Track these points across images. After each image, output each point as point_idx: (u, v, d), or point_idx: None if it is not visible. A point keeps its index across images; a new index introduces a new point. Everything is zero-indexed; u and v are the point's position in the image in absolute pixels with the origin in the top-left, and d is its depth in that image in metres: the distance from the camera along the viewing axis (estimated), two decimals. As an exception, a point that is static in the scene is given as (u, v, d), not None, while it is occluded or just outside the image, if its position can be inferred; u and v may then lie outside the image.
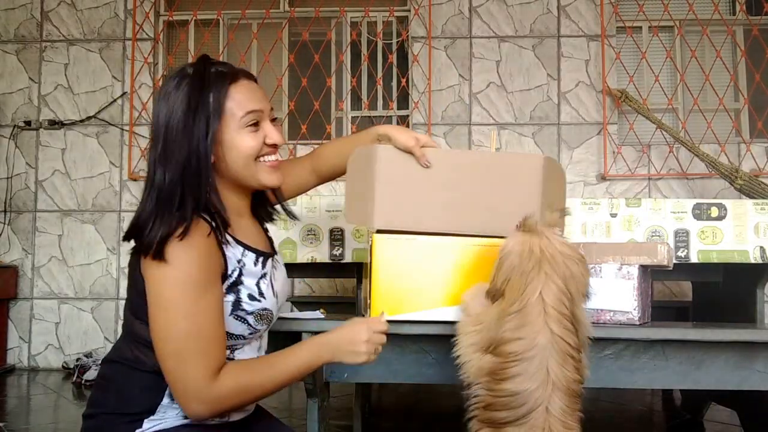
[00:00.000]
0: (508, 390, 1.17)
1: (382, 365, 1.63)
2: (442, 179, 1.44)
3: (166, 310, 1.06)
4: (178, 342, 1.06)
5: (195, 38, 4.50)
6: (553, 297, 1.20)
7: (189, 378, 1.06)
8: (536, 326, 1.18)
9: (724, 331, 1.60)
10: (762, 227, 2.01)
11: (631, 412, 3.02)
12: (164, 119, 1.12)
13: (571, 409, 1.18)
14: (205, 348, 1.07)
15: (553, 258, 1.21)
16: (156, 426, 1.12)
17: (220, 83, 1.15)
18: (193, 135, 1.11)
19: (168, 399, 1.13)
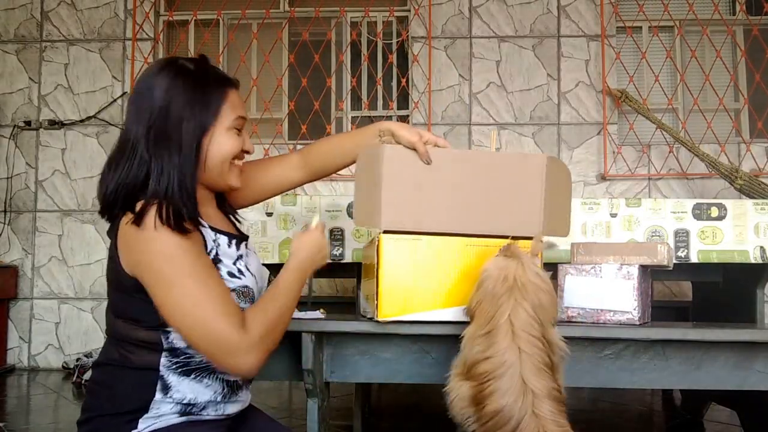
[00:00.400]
0: (492, 410, 1.19)
1: (382, 365, 1.63)
2: (447, 179, 1.45)
3: (171, 285, 1.06)
4: (197, 309, 1.06)
5: (195, 38, 4.50)
6: (522, 321, 1.24)
7: (223, 338, 1.06)
8: (503, 345, 1.22)
9: (724, 331, 1.60)
10: (762, 227, 2.01)
11: (631, 412, 3.02)
12: (160, 102, 1.15)
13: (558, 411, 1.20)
14: (223, 305, 1.08)
15: (524, 287, 1.26)
16: (151, 426, 1.12)
17: (221, 84, 1.21)
18: (192, 126, 1.16)
19: (161, 394, 1.12)
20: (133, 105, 1.18)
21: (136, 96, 1.18)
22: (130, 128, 1.16)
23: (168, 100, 1.15)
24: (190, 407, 1.14)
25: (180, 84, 1.16)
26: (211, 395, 1.17)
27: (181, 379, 1.14)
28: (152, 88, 1.16)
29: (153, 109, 1.15)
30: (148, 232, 1.07)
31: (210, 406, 1.17)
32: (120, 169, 1.15)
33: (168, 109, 1.15)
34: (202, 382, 1.16)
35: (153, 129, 1.14)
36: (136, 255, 1.09)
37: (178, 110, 1.15)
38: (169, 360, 1.13)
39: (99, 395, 1.16)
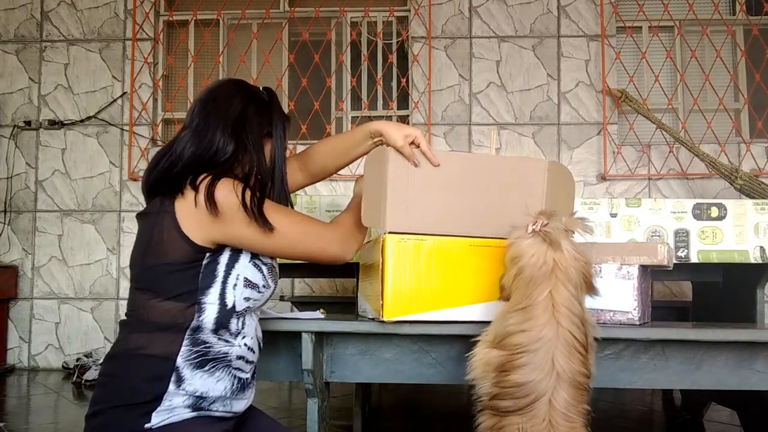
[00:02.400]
0: (514, 381, 1.19)
1: (382, 365, 1.63)
2: (450, 182, 1.47)
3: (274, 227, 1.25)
4: (295, 225, 1.29)
5: (195, 38, 4.50)
6: (564, 297, 1.24)
7: (326, 238, 1.34)
8: (541, 320, 1.21)
9: (724, 331, 1.60)
10: (762, 227, 2.01)
11: (631, 412, 3.02)
12: (240, 115, 1.31)
13: (576, 401, 1.20)
14: (312, 220, 1.35)
15: (566, 270, 1.26)
16: (165, 420, 1.13)
17: (286, 119, 1.40)
18: (277, 150, 1.37)
19: (174, 386, 1.15)
20: (212, 109, 1.31)
21: (214, 103, 1.32)
22: (207, 126, 1.28)
23: (249, 115, 1.32)
24: (200, 401, 1.17)
25: (255, 107, 1.34)
26: (222, 390, 1.20)
27: (194, 372, 1.17)
28: (233, 101, 1.32)
29: (236, 117, 1.30)
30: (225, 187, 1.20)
31: (219, 401, 1.20)
32: (193, 150, 1.26)
33: (251, 123, 1.32)
34: (214, 376, 1.19)
35: (239, 132, 1.29)
36: (227, 222, 1.20)
37: (257, 127, 1.33)
38: (189, 349, 1.17)
39: (111, 387, 1.18)
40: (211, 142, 1.27)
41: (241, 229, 1.22)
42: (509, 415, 1.18)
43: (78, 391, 3.51)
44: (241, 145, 1.29)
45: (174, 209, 1.20)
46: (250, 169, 1.31)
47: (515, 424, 1.17)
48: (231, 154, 1.28)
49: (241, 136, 1.29)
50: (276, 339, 1.60)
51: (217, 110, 1.30)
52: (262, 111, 1.35)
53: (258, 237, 1.24)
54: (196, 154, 1.26)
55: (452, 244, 1.48)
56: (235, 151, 1.28)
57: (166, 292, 1.19)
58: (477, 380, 1.27)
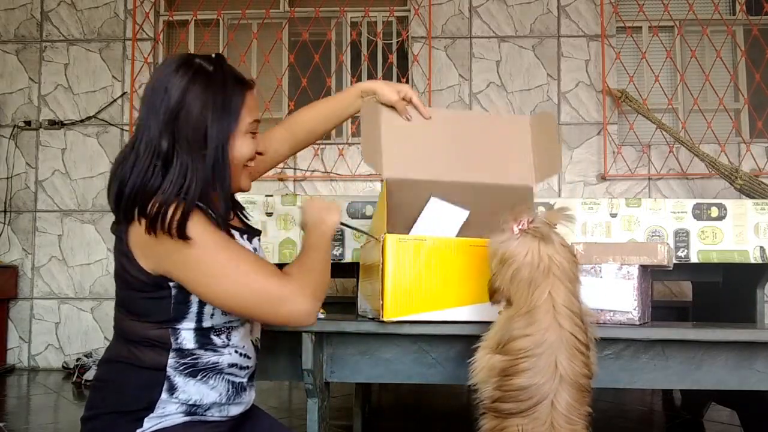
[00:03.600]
0: (517, 384, 1.18)
1: (382, 365, 1.63)
2: (442, 133, 1.60)
3: (215, 271, 1.09)
4: (246, 279, 1.10)
5: (195, 38, 4.50)
6: (563, 296, 1.23)
7: (274, 293, 1.11)
8: (544, 323, 1.20)
9: (724, 331, 1.60)
10: (762, 227, 2.01)
11: (631, 412, 3.02)
12: (178, 104, 1.11)
13: (578, 403, 1.19)
14: (266, 270, 1.13)
15: (562, 265, 1.25)
16: (156, 425, 1.12)
17: (239, 88, 1.18)
18: (215, 131, 1.13)
19: (166, 394, 1.13)
20: (148, 103, 1.14)
21: (152, 94, 1.14)
22: (146, 127, 1.13)
23: (187, 102, 1.11)
24: (195, 408, 1.15)
25: (198, 86, 1.12)
26: (216, 397, 1.17)
27: (187, 380, 1.14)
28: (169, 87, 1.12)
29: (170, 110, 1.11)
30: (171, 238, 1.07)
31: (214, 407, 1.18)
32: (137, 169, 1.11)
33: (188, 112, 1.11)
34: (208, 383, 1.16)
35: (173, 131, 1.11)
36: (163, 257, 1.09)
37: (197, 114, 1.11)
38: (177, 361, 1.14)
39: (105, 392, 1.17)
40: (150, 144, 1.11)
41: (166, 254, 1.09)
42: (511, 417, 1.18)
43: (78, 391, 3.51)
44: (179, 146, 1.11)
45: (127, 237, 1.12)
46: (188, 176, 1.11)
47: (516, 425, 1.17)
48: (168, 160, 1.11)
49: (177, 134, 1.11)
50: (276, 339, 1.60)
51: (153, 102, 1.13)
52: (206, 96, 1.13)
53: (191, 283, 1.10)
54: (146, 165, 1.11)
55: (452, 244, 1.49)
56: (171, 154, 1.11)
57: (140, 314, 1.14)
58: (479, 384, 1.27)
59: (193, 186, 1.10)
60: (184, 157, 1.11)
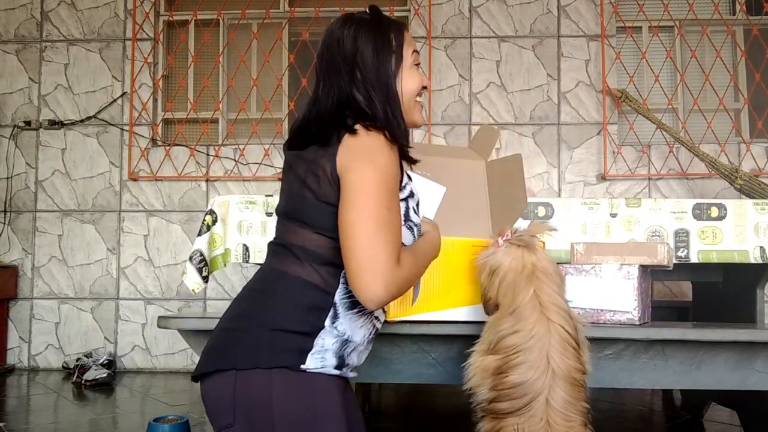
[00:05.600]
0: (511, 382, 1.19)
1: (382, 365, 1.63)
2: None
3: (369, 194, 1.11)
4: (379, 226, 1.09)
5: (195, 38, 4.50)
6: (549, 294, 1.26)
7: (380, 259, 1.08)
8: (532, 318, 1.23)
9: (724, 331, 1.60)
10: (762, 227, 2.01)
11: (631, 412, 3.02)
12: (352, 51, 1.23)
13: (574, 399, 1.20)
14: (396, 238, 1.12)
15: (546, 269, 1.30)
16: (318, 368, 1.12)
17: (397, 26, 1.31)
18: (387, 70, 1.25)
19: (330, 321, 1.15)
20: (327, 59, 1.26)
21: (327, 51, 1.26)
22: (325, 81, 1.25)
23: (360, 48, 1.23)
24: (345, 346, 1.17)
25: (366, 33, 1.24)
26: (361, 337, 1.21)
27: (346, 312, 1.17)
28: (340, 42, 1.24)
29: (348, 58, 1.23)
30: (380, 138, 1.15)
31: (356, 350, 1.21)
32: (332, 102, 1.23)
33: (363, 55, 1.23)
34: (359, 321, 1.19)
35: (352, 75, 1.23)
36: (357, 153, 1.14)
37: (370, 55, 1.23)
38: (345, 287, 1.16)
39: (268, 305, 1.16)
40: (341, 90, 1.24)
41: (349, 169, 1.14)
42: (507, 417, 1.19)
43: (78, 391, 3.52)
44: (360, 87, 1.23)
45: (336, 149, 1.16)
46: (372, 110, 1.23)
47: (513, 425, 1.17)
48: (361, 99, 1.23)
49: (357, 76, 1.23)
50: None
51: (333, 56, 1.25)
52: (371, 37, 1.25)
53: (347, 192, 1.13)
54: (339, 101, 1.23)
55: (454, 245, 1.48)
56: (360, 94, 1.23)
57: (323, 228, 1.16)
58: (475, 387, 1.28)
59: (380, 116, 1.21)
60: (368, 94, 1.22)
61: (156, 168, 4.29)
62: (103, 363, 3.84)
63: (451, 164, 1.67)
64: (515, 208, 1.60)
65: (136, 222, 4.29)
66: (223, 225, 2.12)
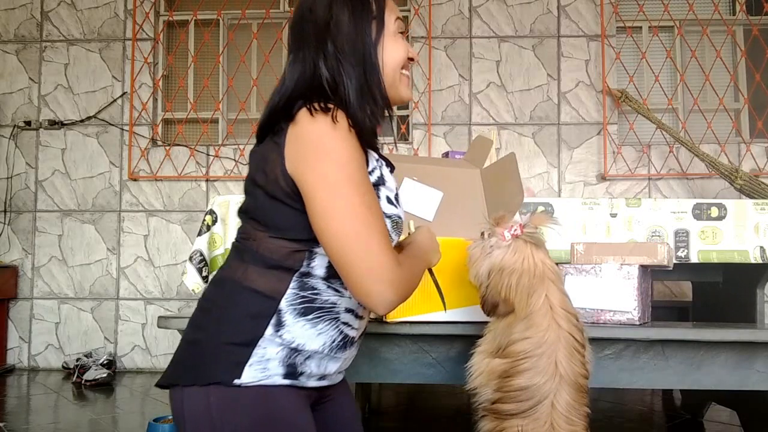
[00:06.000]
0: (518, 385, 1.19)
1: (382, 365, 1.63)
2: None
3: (340, 194, 1.00)
4: (362, 221, 1.00)
5: (195, 38, 4.50)
6: (559, 298, 1.25)
7: (375, 256, 0.99)
8: (543, 325, 1.21)
9: (724, 331, 1.60)
10: (762, 227, 2.01)
11: (631, 412, 3.02)
12: (326, 18, 1.12)
13: (577, 403, 1.20)
14: (383, 229, 1.03)
15: (553, 268, 1.27)
16: (255, 381, 1.04)
17: None
18: (366, 38, 1.13)
19: (272, 329, 1.05)
20: (297, 29, 1.15)
21: (298, 20, 1.15)
22: (296, 51, 1.13)
23: (334, 14, 1.11)
24: (295, 355, 1.07)
25: (339, 2, 1.12)
26: (320, 345, 1.10)
27: (297, 319, 1.07)
28: (313, 9, 1.13)
29: (320, 26, 1.11)
30: (327, 124, 1.01)
31: (314, 358, 1.10)
32: (293, 83, 1.11)
33: (337, 22, 1.11)
34: (317, 327, 1.09)
35: (324, 44, 1.11)
36: (304, 148, 1.03)
37: (346, 22, 1.11)
38: (295, 293, 1.07)
39: (213, 315, 1.09)
40: (306, 65, 1.12)
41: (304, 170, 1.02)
42: (510, 418, 1.18)
43: (78, 391, 3.51)
44: (330, 59, 1.10)
45: (283, 142, 1.05)
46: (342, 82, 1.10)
47: (515, 426, 1.17)
48: (326, 73, 1.10)
49: (329, 45, 1.11)
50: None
51: (303, 26, 1.14)
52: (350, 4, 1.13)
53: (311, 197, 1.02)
54: (300, 81, 1.11)
55: (454, 245, 1.48)
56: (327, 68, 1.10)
57: (276, 229, 1.07)
58: (478, 388, 1.27)
59: (347, 92, 1.09)
60: (338, 66, 1.10)
61: (156, 168, 4.29)
62: (103, 363, 3.85)
63: (447, 173, 1.67)
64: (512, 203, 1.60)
65: (136, 222, 4.29)
66: (223, 225, 2.12)
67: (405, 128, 4.37)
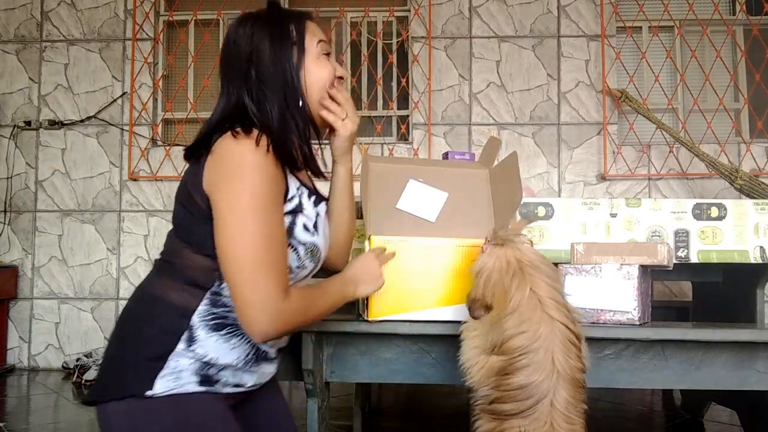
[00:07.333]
0: (517, 383, 1.18)
1: (382, 365, 1.63)
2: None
3: (242, 220, 1.04)
4: (256, 251, 1.03)
5: (195, 38, 4.50)
6: (546, 289, 1.25)
7: (264, 289, 1.03)
8: (535, 318, 1.21)
9: (724, 331, 1.60)
10: (762, 227, 2.01)
11: (631, 412, 3.02)
12: (248, 49, 1.17)
13: (575, 400, 1.19)
14: (278, 261, 1.06)
15: (532, 263, 1.28)
16: (168, 390, 1.07)
17: (297, 16, 1.23)
18: (286, 63, 1.17)
19: (183, 345, 1.08)
20: (223, 62, 1.20)
21: (224, 54, 1.20)
22: (229, 85, 1.19)
23: (256, 45, 1.17)
24: (208, 367, 1.10)
25: (261, 28, 1.18)
26: (234, 359, 1.13)
27: (209, 334, 1.10)
28: (236, 41, 1.19)
29: (243, 59, 1.17)
30: (246, 147, 1.06)
31: (229, 369, 1.13)
32: (219, 114, 1.17)
33: (259, 52, 1.16)
34: (230, 342, 1.12)
35: (250, 78, 1.16)
36: (221, 169, 1.07)
37: (267, 51, 1.16)
38: (207, 309, 1.11)
39: (128, 332, 1.13)
40: (231, 97, 1.18)
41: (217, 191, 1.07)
42: (510, 418, 1.18)
43: (78, 391, 3.51)
44: (254, 88, 1.16)
45: (204, 161, 1.11)
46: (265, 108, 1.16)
47: (516, 427, 1.17)
48: (250, 103, 1.16)
49: (253, 75, 1.16)
50: (276, 339, 1.60)
51: (228, 59, 1.20)
52: (267, 31, 1.18)
53: (218, 217, 1.06)
54: (225, 111, 1.17)
55: (438, 244, 1.49)
56: (251, 97, 1.16)
57: (195, 245, 1.11)
58: (476, 386, 1.27)
59: (271, 118, 1.14)
60: (261, 94, 1.15)
61: (156, 168, 4.29)
62: (103, 363, 3.84)
63: (456, 174, 1.69)
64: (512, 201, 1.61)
65: (136, 222, 4.29)
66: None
67: (405, 128, 4.37)
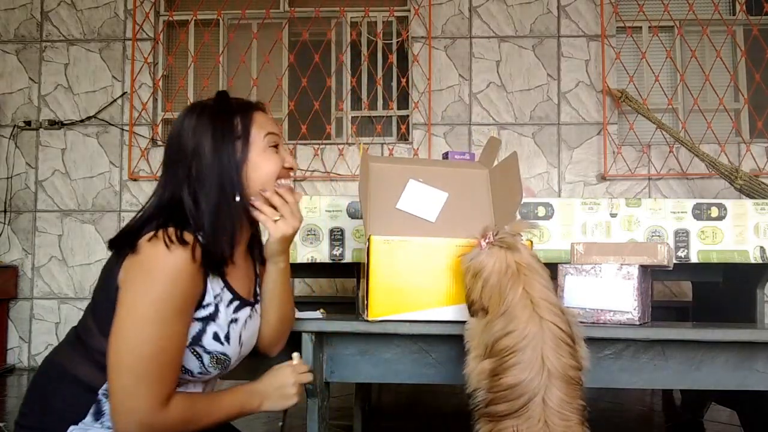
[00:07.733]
0: (506, 383, 1.18)
1: (382, 365, 1.63)
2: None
3: (136, 326, 1.04)
4: (141, 361, 1.03)
5: (195, 38, 4.50)
6: (539, 290, 1.25)
7: (140, 400, 1.03)
8: (523, 317, 1.22)
9: (724, 331, 1.60)
10: (762, 227, 2.01)
11: (631, 412, 3.02)
12: (191, 144, 1.15)
13: (570, 397, 1.19)
14: (163, 373, 1.06)
15: (531, 266, 1.28)
16: None
17: (243, 109, 1.20)
18: (226, 160, 1.15)
19: (91, 418, 1.10)
20: (168, 156, 1.18)
21: (169, 146, 1.18)
22: (168, 177, 1.17)
23: (198, 140, 1.15)
24: None
25: (205, 122, 1.16)
26: None
27: None
28: (180, 133, 1.16)
29: (185, 154, 1.15)
30: (167, 251, 1.05)
31: None
32: (153, 208, 1.15)
33: (200, 149, 1.14)
34: None
35: (191, 173, 1.14)
36: (137, 266, 1.07)
37: (207, 149, 1.14)
38: None
39: (35, 403, 1.13)
40: (166, 191, 1.16)
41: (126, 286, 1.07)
42: (504, 419, 1.18)
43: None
44: (193, 184, 1.14)
45: (125, 254, 1.10)
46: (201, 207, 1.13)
47: (510, 427, 1.17)
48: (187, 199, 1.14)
49: (194, 171, 1.14)
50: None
51: (170, 152, 1.18)
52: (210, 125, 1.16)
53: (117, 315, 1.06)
54: (159, 206, 1.15)
55: (438, 244, 1.49)
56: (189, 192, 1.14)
57: (104, 326, 1.09)
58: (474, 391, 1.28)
59: (204, 218, 1.12)
60: (198, 191, 1.13)
61: (156, 168, 4.29)
62: (103, 363, 3.85)
63: (456, 174, 1.70)
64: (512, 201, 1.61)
65: (136, 222, 4.29)
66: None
67: (405, 128, 4.37)
